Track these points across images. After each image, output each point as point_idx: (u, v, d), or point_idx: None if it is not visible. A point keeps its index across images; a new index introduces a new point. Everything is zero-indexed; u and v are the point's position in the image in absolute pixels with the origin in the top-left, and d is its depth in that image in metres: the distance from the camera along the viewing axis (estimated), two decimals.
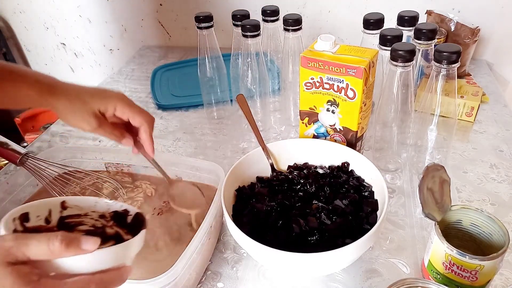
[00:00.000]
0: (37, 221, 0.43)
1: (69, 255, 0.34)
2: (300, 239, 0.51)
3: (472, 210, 0.50)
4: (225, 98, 0.88)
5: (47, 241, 0.33)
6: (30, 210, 0.42)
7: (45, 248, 0.33)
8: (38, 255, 0.33)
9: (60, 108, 0.54)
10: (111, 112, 0.56)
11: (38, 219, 0.43)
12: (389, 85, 0.63)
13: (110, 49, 1.38)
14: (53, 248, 0.33)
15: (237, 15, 0.77)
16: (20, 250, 0.33)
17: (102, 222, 0.46)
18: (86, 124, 0.54)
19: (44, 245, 0.33)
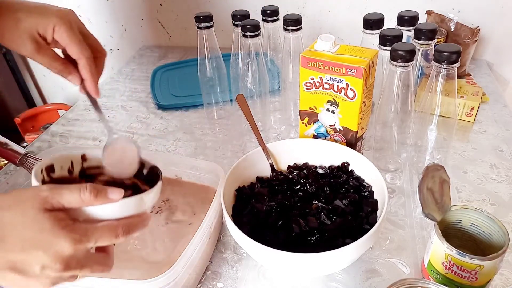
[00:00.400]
0: (61, 172, 0.48)
1: (97, 203, 0.39)
2: (300, 239, 0.51)
3: (472, 210, 0.50)
4: (225, 98, 0.88)
5: (78, 191, 0.38)
6: (54, 162, 0.47)
7: (77, 197, 0.38)
8: (71, 203, 0.38)
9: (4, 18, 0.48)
10: (51, 36, 0.49)
11: (62, 170, 0.48)
12: (389, 85, 0.63)
13: (110, 49, 1.38)
14: (84, 197, 0.38)
15: (237, 15, 0.77)
16: (55, 198, 0.37)
17: None
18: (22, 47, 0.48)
19: (76, 195, 0.38)
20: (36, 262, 0.36)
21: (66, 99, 1.55)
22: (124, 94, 1.05)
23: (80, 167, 0.50)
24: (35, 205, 0.36)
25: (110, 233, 0.39)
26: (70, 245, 0.36)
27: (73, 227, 0.37)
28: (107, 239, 0.39)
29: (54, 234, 0.36)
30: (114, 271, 0.54)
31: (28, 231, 0.36)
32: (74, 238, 0.36)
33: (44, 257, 0.36)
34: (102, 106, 1.00)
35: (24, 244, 0.36)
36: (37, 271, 0.36)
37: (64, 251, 0.36)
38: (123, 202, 0.41)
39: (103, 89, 1.08)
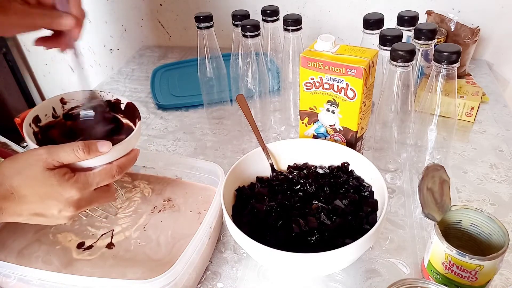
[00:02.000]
0: (46, 119, 0.55)
1: (91, 157, 0.46)
2: (300, 239, 0.51)
3: (472, 210, 0.50)
4: (225, 98, 0.88)
5: (72, 151, 0.45)
6: (38, 112, 0.53)
7: (73, 155, 0.45)
8: (68, 160, 0.45)
9: None
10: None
11: (47, 118, 0.55)
12: (389, 85, 0.63)
13: (110, 49, 1.38)
14: (79, 155, 0.45)
15: (237, 15, 0.77)
16: (54, 159, 0.44)
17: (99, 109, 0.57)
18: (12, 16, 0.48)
19: (71, 153, 0.45)
20: (53, 208, 0.45)
21: None
22: (124, 94, 1.05)
23: (62, 110, 0.57)
24: (39, 167, 0.44)
25: (107, 175, 0.48)
26: (76, 192, 0.45)
27: (76, 177, 0.45)
28: (105, 180, 0.48)
29: (62, 186, 0.44)
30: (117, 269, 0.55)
31: (41, 187, 0.44)
32: (78, 187, 0.45)
33: (59, 204, 0.45)
34: None
35: (41, 197, 0.44)
36: (55, 214, 0.46)
37: (73, 197, 0.45)
38: (113, 150, 0.47)
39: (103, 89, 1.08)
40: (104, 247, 0.58)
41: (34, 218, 0.46)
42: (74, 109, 0.58)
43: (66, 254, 0.57)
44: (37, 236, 0.60)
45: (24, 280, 0.50)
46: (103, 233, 0.61)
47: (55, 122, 0.56)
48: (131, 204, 0.65)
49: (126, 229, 0.61)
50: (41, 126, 0.54)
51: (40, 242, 0.59)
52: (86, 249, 0.58)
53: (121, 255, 0.57)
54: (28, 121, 0.52)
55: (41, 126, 0.54)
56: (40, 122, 0.54)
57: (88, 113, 0.57)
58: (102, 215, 0.63)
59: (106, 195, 0.50)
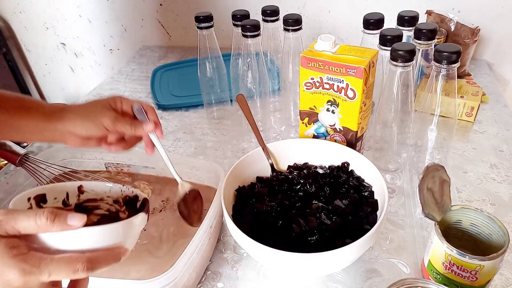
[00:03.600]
0: (54, 203, 0.45)
1: (55, 230, 0.35)
2: (300, 239, 0.51)
3: (472, 210, 0.50)
4: (225, 98, 0.88)
5: (34, 216, 0.35)
6: (47, 192, 0.44)
7: (33, 223, 0.35)
8: (26, 229, 0.35)
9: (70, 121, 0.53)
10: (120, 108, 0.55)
11: (56, 201, 0.46)
12: (389, 85, 0.63)
13: (110, 49, 1.38)
14: (40, 223, 0.35)
15: (237, 15, 0.77)
16: (9, 223, 0.34)
17: (116, 207, 0.49)
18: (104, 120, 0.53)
19: (32, 220, 0.35)
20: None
21: (66, 99, 1.55)
22: (124, 94, 1.05)
23: (76, 199, 0.48)
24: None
25: (68, 267, 0.35)
26: (18, 277, 0.34)
27: (25, 256, 0.34)
28: (63, 273, 0.35)
29: (3, 263, 0.33)
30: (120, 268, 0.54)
31: None
32: (24, 269, 0.34)
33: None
34: None
35: None
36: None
37: (13, 283, 0.34)
38: (87, 231, 0.37)
39: (103, 89, 1.08)
40: None
41: None
42: (90, 202, 0.49)
43: None
44: None
45: None
46: None
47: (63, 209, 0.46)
48: None
49: None
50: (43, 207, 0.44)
51: None
52: None
53: None
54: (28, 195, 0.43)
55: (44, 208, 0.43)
56: (45, 203, 0.45)
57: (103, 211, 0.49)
58: None
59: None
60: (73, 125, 0.53)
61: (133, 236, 0.42)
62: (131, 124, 0.54)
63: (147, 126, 0.55)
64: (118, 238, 0.39)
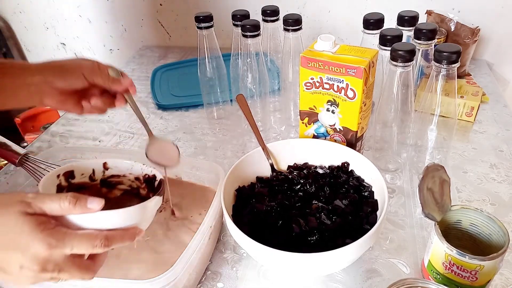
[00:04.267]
0: (81, 179, 0.52)
1: (76, 212, 0.40)
2: (300, 239, 0.51)
3: (472, 210, 0.50)
4: (225, 98, 0.88)
5: (58, 200, 0.40)
6: (75, 169, 0.51)
7: (57, 206, 0.39)
8: (52, 211, 0.40)
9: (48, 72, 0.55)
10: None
11: (83, 177, 0.52)
12: (389, 85, 0.63)
13: (110, 49, 1.38)
14: (63, 206, 0.40)
15: (237, 15, 0.77)
16: (37, 205, 0.39)
17: (137, 183, 0.55)
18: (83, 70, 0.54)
19: (56, 203, 0.39)
20: (14, 262, 0.38)
21: None
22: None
23: (102, 175, 0.54)
24: (17, 209, 0.38)
25: (88, 242, 0.40)
26: (45, 249, 0.38)
27: (51, 231, 0.38)
28: (84, 247, 0.40)
29: (32, 237, 0.38)
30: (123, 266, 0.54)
31: (9, 232, 0.38)
32: (50, 243, 0.38)
33: (22, 258, 0.38)
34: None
35: (5, 244, 0.38)
36: (16, 270, 0.38)
37: (40, 254, 0.38)
38: (105, 214, 0.41)
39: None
40: None
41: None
42: (114, 178, 0.54)
43: None
44: None
45: None
46: None
47: (89, 184, 0.53)
48: None
49: None
50: (72, 183, 0.51)
51: None
52: None
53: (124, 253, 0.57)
54: (58, 172, 0.49)
55: (73, 183, 0.51)
56: (73, 179, 0.51)
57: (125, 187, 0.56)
58: None
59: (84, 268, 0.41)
60: (52, 75, 0.54)
61: (147, 218, 0.46)
62: (108, 77, 0.55)
63: (125, 80, 0.57)
64: (134, 220, 0.44)
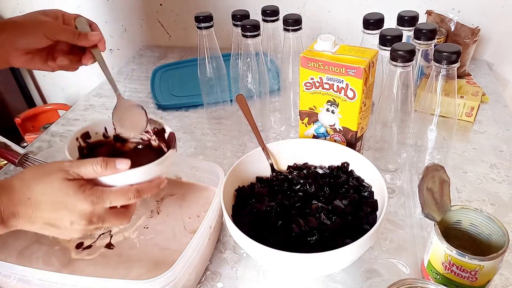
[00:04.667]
0: (96, 137, 0.57)
1: (108, 173, 0.47)
2: (300, 239, 0.51)
3: (472, 210, 0.50)
4: (225, 98, 0.88)
5: (91, 165, 0.46)
6: (89, 129, 0.55)
7: (91, 170, 0.46)
8: (87, 174, 0.46)
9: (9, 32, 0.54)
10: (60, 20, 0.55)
11: (97, 135, 0.57)
12: (389, 85, 0.63)
13: (110, 49, 1.38)
14: (96, 170, 0.46)
15: (237, 15, 0.77)
16: (74, 171, 0.46)
17: (147, 136, 0.58)
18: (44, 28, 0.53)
19: (90, 168, 0.46)
20: (65, 219, 0.45)
21: (66, 99, 1.55)
22: (124, 94, 1.05)
23: (114, 132, 0.58)
24: (59, 176, 0.45)
25: (122, 196, 0.48)
26: (89, 205, 0.45)
27: (91, 191, 0.46)
28: (119, 200, 0.48)
29: (76, 198, 0.45)
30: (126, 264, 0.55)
31: (56, 196, 0.45)
32: (92, 200, 0.45)
33: (71, 215, 0.45)
34: (102, 106, 1.00)
35: (54, 206, 0.45)
36: (67, 225, 0.46)
37: (85, 210, 0.45)
38: (132, 172, 0.48)
39: (102, 89, 1.08)
40: (103, 247, 0.58)
41: (47, 228, 0.46)
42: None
43: (65, 254, 0.57)
44: (36, 237, 0.60)
45: (24, 280, 0.50)
46: (101, 233, 0.61)
47: (104, 141, 0.57)
48: None
49: (124, 230, 0.61)
50: (89, 142, 0.56)
51: (40, 243, 0.59)
52: (85, 249, 0.58)
53: (126, 253, 0.57)
54: (76, 136, 0.54)
55: (90, 142, 0.56)
56: (90, 139, 0.56)
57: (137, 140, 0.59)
58: None
59: (120, 217, 0.50)
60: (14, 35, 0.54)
61: (167, 168, 0.53)
62: (73, 33, 0.55)
63: (93, 35, 0.55)
64: (156, 173, 0.51)
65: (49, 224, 0.46)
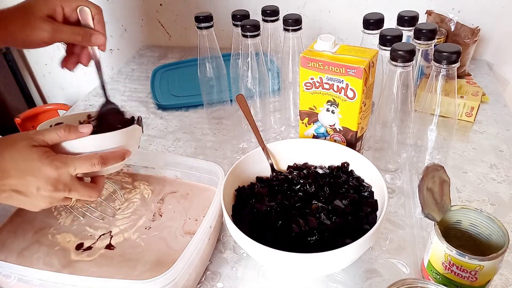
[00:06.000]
0: None
1: (72, 137, 0.49)
2: (300, 239, 0.51)
3: (472, 210, 0.50)
4: (225, 98, 0.88)
5: (55, 130, 0.48)
6: (64, 120, 0.56)
7: (55, 135, 0.48)
8: (51, 139, 0.48)
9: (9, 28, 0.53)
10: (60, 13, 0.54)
11: None
12: (389, 85, 0.63)
13: (110, 49, 1.38)
14: (60, 134, 0.48)
15: (237, 15, 0.77)
16: (39, 137, 0.47)
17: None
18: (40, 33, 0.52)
19: (54, 133, 0.48)
20: (31, 185, 0.46)
21: (66, 99, 1.55)
22: (124, 94, 1.05)
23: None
24: (24, 143, 0.46)
25: (87, 162, 0.48)
26: (53, 170, 0.46)
27: (55, 157, 0.47)
28: (84, 167, 0.48)
29: (41, 162, 0.46)
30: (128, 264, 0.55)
31: (22, 162, 0.46)
32: (56, 165, 0.47)
33: (37, 181, 0.46)
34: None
35: (20, 172, 0.46)
36: (34, 191, 0.47)
37: (50, 175, 0.46)
38: (95, 138, 0.50)
39: None
40: (104, 248, 0.58)
41: (15, 196, 0.47)
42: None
43: (65, 255, 0.57)
44: (36, 237, 0.60)
45: (24, 280, 0.50)
46: (101, 234, 0.61)
47: None
48: (130, 206, 0.65)
49: (124, 231, 0.61)
50: None
51: (40, 243, 0.59)
52: (85, 250, 0.58)
53: (128, 252, 0.58)
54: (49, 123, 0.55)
55: None
56: None
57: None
58: (99, 217, 0.63)
59: (88, 190, 0.51)
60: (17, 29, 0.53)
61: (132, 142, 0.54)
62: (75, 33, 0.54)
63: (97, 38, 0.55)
64: (120, 143, 0.52)
65: (16, 191, 0.47)
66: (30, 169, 0.46)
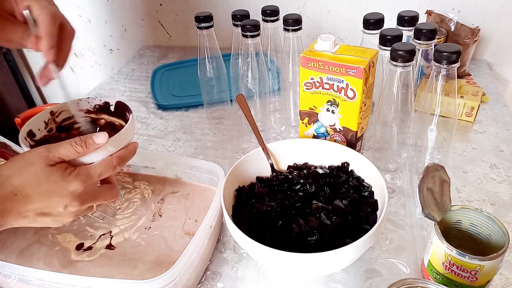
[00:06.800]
0: (41, 133, 0.56)
1: (90, 151, 0.47)
2: (300, 239, 0.51)
3: (472, 210, 0.50)
4: (225, 98, 0.88)
5: (71, 146, 0.46)
6: (31, 127, 0.55)
7: (73, 151, 0.46)
8: (68, 156, 0.46)
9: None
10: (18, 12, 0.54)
11: (41, 132, 0.56)
12: (389, 85, 0.63)
13: (110, 49, 1.38)
14: (78, 149, 0.46)
15: (237, 15, 0.77)
16: (54, 155, 0.45)
17: (91, 116, 0.59)
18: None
19: (70, 149, 0.45)
20: (58, 205, 0.45)
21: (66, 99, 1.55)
22: (124, 94, 1.05)
23: (54, 123, 0.58)
24: (40, 164, 0.44)
25: (108, 166, 0.48)
26: (80, 185, 0.45)
27: (78, 171, 0.46)
28: (107, 171, 0.48)
29: (65, 181, 0.44)
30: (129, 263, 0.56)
31: (44, 184, 0.44)
32: (81, 179, 0.45)
33: (64, 199, 0.45)
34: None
35: (44, 195, 0.44)
36: (61, 210, 0.45)
37: (77, 190, 0.45)
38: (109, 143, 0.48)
39: (103, 89, 1.08)
40: (104, 248, 0.58)
41: (40, 219, 0.45)
42: (66, 121, 0.59)
43: (66, 255, 0.57)
44: (36, 237, 0.60)
45: (24, 280, 0.50)
46: (101, 234, 0.61)
47: (49, 135, 0.58)
48: (130, 206, 0.65)
49: (125, 231, 0.61)
50: (36, 140, 0.55)
51: (40, 243, 0.59)
52: (85, 250, 0.58)
53: (129, 252, 0.58)
54: (23, 135, 0.53)
55: (36, 140, 0.55)
56: (35, 137, 0.55)
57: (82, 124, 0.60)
58: (99, 217, 0.63)
59: (111, 191, 0.51)
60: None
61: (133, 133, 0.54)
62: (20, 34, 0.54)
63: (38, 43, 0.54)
64: (128, 139, 0.52)
65: (41, 214, 0.45)
66: (54, 190, 0.44)
